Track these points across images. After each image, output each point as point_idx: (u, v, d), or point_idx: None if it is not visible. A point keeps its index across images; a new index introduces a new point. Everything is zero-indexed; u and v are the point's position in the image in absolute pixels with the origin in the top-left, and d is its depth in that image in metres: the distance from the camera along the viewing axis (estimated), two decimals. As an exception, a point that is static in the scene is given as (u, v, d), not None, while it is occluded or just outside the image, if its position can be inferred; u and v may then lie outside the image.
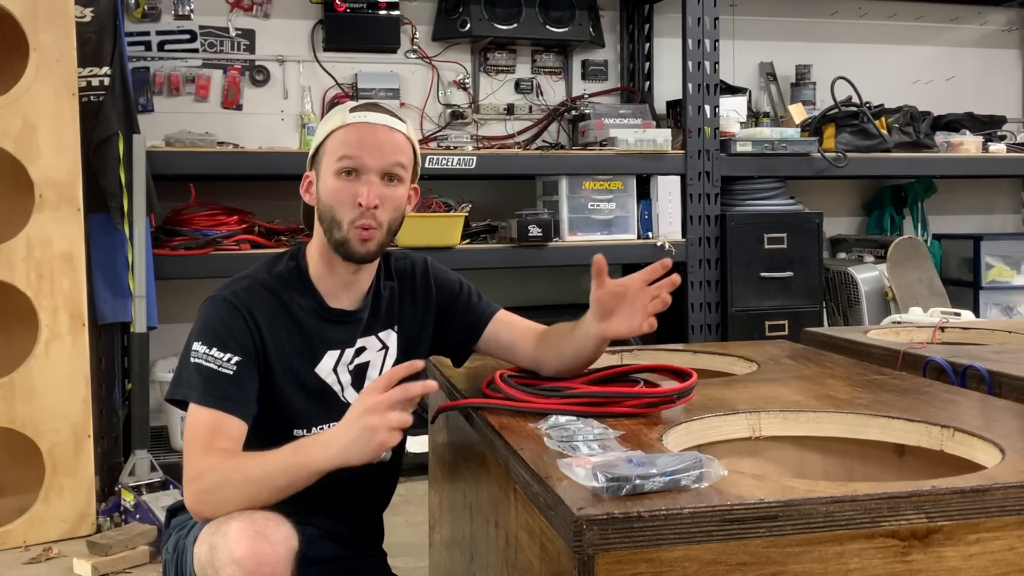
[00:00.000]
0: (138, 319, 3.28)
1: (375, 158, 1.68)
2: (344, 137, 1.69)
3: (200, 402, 1.58)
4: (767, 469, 1.69)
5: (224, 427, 1.57)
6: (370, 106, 1.74)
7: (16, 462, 3.19)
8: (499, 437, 1.50)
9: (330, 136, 1.70)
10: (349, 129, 1.69)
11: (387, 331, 1.82)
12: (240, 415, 1.59)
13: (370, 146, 1.68)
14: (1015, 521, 1.22)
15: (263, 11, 4.16)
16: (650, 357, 2.31)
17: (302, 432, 1.71)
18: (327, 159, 1.70)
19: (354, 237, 1.68)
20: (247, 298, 1.67)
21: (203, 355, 1.60)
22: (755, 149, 4.14)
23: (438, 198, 3.94)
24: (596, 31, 4.50)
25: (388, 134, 1.70)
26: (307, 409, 1.71)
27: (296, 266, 1.75)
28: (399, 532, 2.99)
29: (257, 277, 1.71)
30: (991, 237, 4.88)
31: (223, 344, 1.61)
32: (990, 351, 2.24)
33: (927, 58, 5.15)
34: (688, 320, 4.09)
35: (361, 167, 1.68)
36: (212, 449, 1.54)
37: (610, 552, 1.12)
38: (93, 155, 3.28)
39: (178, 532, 1.67)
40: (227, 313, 1.64)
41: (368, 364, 1.79)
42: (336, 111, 1.75)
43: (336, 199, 1.68)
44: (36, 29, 3.10)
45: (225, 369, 1.60)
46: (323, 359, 1.74)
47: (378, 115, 1.71)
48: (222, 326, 1.63)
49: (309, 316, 1.72)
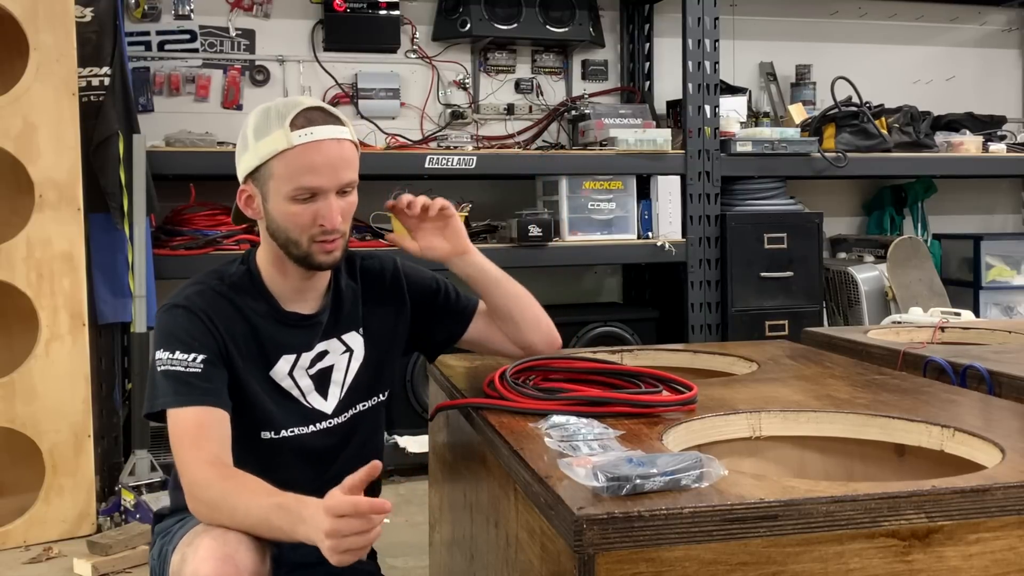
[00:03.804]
0: (138, 319, 3.28)
1: (331, 180, 1.61)
2: (294, 163, 1.59)
3: (176, 404, 1.56)
4: (767, 469, 1.69)
5: (206, 422, 1.56)
6: (308, 116, 1.61)
7: (16, 462, 3.19)
8: (499, 437, 1.50)
9: (274, 159, 1.60)
10: (297, 153, 1.59)
11: (351, 333, 1.79)
12: (218, 406, 1.58)
13: (324, 169, 1.60)
14: (1015, 521, 1.22)
15: (263, 11, 4.16)
16: (650, 357, 2.31)
17: (270, 435, 1.69)
18: (275, 183, 1.61)
19: (317, 251, 1.65)
20: (201, 302, 1.64)
21: (167, 360, 1.59)
22: (755, 149, 4.14)
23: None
24: (596, 31, 4.49)
25: (338, 149, 1.61)
26: (273, 412, 1.69)
27: (247, 270, 1.72)
28: (399, 532, 2.99)
29: (208, 283, 1.68)
30: (991, 237, 4.88)
31: (186, 346, 1.59)
32: (990, 351, 2.24)
33: (927, 58, 5.15)
34: (688, 320, 4.09)
35: (318, 191, 1.61)
36: (203, 451, 1.52)
37: (610, 552, 1.12)
38: (93, 155, 3.28)
39: (162, 539, 1.67)
40: (184, 318, 1.62)
41: (332, 368, 1.77)
42: (272, 123, 1.61)
43: (294, 223, 1.63)
44: (36, 29, 3.09)
45: (192, 368, 1.58)
46: (278, 363, 1.71)
47: (323, 128, 1.61)
48: (181, 330, 1.61)
49: (263, 320, 1.69)
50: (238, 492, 1.47)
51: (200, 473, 1.51)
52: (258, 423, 1.68)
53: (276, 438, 1.70)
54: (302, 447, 1.72)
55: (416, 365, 3.81)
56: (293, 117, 1.61)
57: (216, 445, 1.55)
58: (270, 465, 1.64)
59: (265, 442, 1.69)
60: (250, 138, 1.64)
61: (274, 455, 1.69)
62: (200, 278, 1.71)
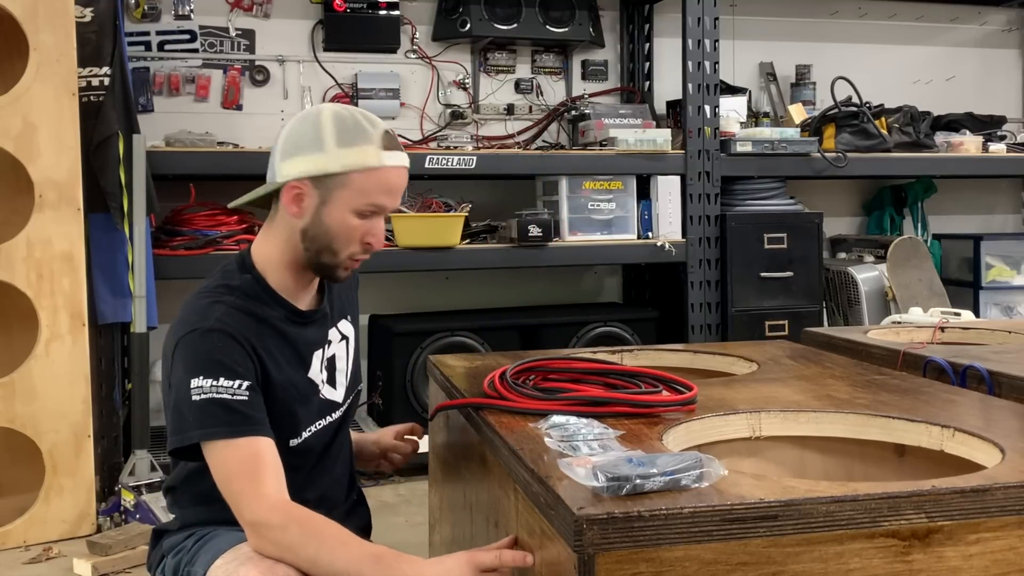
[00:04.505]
0: (138, 319, 3.28)
1: (395, 204, 1.67)
2: (378, 181, 1.62)
3: (228, 435, 1.51)
4: (767, 469, 1.69)
5: (262, 454, 1.52)
6: (392, 139, 1.65)
7: (16, 462, 3.19)
8: (499, 437, 1.50)
9: (359, 172, 1.61)
10: (384, 173, 1.63)
11: (343, 321, 1.83)
12: (268, 435, 1.55)
13: (397, 193, 1.66)
14: (1015, 521, 1.22)
15: (263, 11, 4.16)
16: (650, 357, 2.31)
17: (296, 441, 1.68)
18: (349, 193, 1.62)
19: (347, 267, 1.68)
20: (232, 323, 1.58)
21: (210, 388, 1.52)
22: (755, 149, 4.14)
23: (438, 198, 3.95)
24: (596, 31, 4.49)
25: (407, 177, 1.68)
26: (300, 416, 1.69)
27: (252, 278, 1.68)
28: (399, 532, 2.99)
29: (223, 299, 1.62)
30: (991, 237, 4.88)
31: (231, 372, 1.54)
32: (990, 351, 2.24)
33: (927, 58, 5.15)
34: (688, 320, 4.09)
35: (382, 211, 1.66)
36: (265, 486, 1.49)
37: (610, 552, 1.12)
38: (93, 155, 3.28)
39: (175, 556, 1.65)
40: (221, 341, 1.56)
41: (335, 357, 1.78)
42: (358, 137, 1.62)
43: (346, 235, 1.64)
44: (36, 29, 3.09)
45: (239, 396, 1.53)
46: (312, 362, 1.72)
47: (403, 155, 1.67)
48: (223, 355, 1.55)
49: (286, 325, 1.68)
50: (320, 539, 1.45)
51: (269, 514, 1.48)
52: (287, 433, 1.66)
53: (301, 442, 1.70)
54: (319, 442, 1.74)
55: (416, 365, 3.82)
56: (382, 138, 1.63)
57: (276, 480, 1.52)
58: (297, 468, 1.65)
59: (292, 449, 1.68)
60: (329, 142, 1.61)
61: (299, 457, 1.69)
62: (209, 293, 1.65)
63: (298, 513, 1.49)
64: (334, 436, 1.78)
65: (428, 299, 4.34)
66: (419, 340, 3.84)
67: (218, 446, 1.52)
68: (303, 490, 1.61)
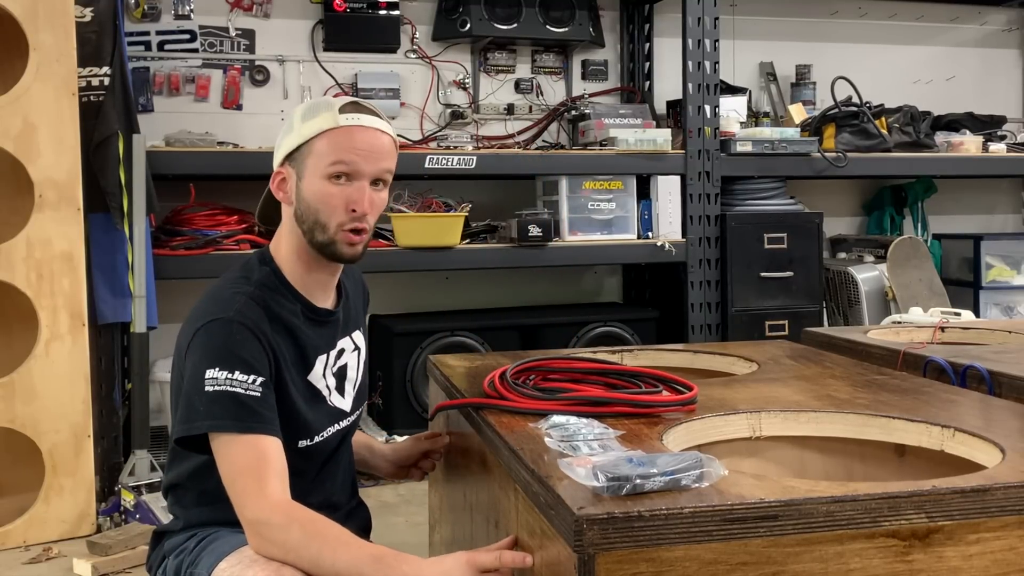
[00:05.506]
0: (138, 319, 3.28)
1: (369, 164, 1.64)
2: (337, 141, 1.63)
3: (236, 430, 1.50)
4: (767, 469, 1.69)
5: (268, 453, 1.51)
6: (357, 106, 1.68)
7: (16, 462, 3.19)
8: (499, 437, 1.50)
9: (318, 137, 1.64)
10: (341, 132, 1.63)
11: (356, 332, 1.81)
12: (276, 435, 1.54)
13: (364, 151, 1.63)
14: (1015, 521, 1.22)
15: (263, 11, 4.16)
16: (650, 357, 2.31)
17: (306, 442, 1.67)
18: (314, 160, 1.64)
19: (342, 240, 1.65)
20: (252, 316, 1.58)
21: (224, 380, 1.51)
22: (755, 149, 4.14)
23: (438, 198, 3.95)
24: (596, 31, 4.50)
25: (379, 138, 1.66)
26: (309, 419, 1.68)
27: (270, 270, 1.68)
28: (399, 532, 2.99)
29: (243, 290, 1.62)
30: (991, 237, 4.88)
31: (247, 367, 1.53)
32: (990, 351, 2.24)
33: (927, 58, 5.15)
34: (688, 320, 4.09)
35: (355, 173, 1.63)
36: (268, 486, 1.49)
37: (611, 552, 1.12)
38: (93, 155, 3.28)
39: (177, 557, 1.65)
40: (240, 334, 1.55)
41: (347, 366, 1.77)
42: (320, 108, 1.66)
43: (325, 203, 1.63)
44: (36, 29, 3.09)
45: (252, 391, 1.52)
46: (315, 366, 1.70)
47: (369, 117, 1.66)
48: (241, 348, 1.54)
49: (299, 321, 1.67)
50: (322, 540, 1.45)
51: (271, 514, 1.48)
52: (297, 432, 1.65)
53: (311, 445, 1.69)
54: (327, 448, 1.73)
55: (416, 365, 3.82)
56: (342, 104, 1.66)
57: (280, 480, 1.51)
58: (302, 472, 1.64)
59: (301, 451, 1.67)
60: (296, 122, 1.67)
61: (306, 461, 1.69)
62: (230, 284, 1.65)
63: (300, 513, 1.49)
64: (339, 444, 1.77)
65: (428, 299, 4.34)
66: (419, 340, 3.84)
67: (225, 440, 1.51)
68: (307, 495, 1.60)
